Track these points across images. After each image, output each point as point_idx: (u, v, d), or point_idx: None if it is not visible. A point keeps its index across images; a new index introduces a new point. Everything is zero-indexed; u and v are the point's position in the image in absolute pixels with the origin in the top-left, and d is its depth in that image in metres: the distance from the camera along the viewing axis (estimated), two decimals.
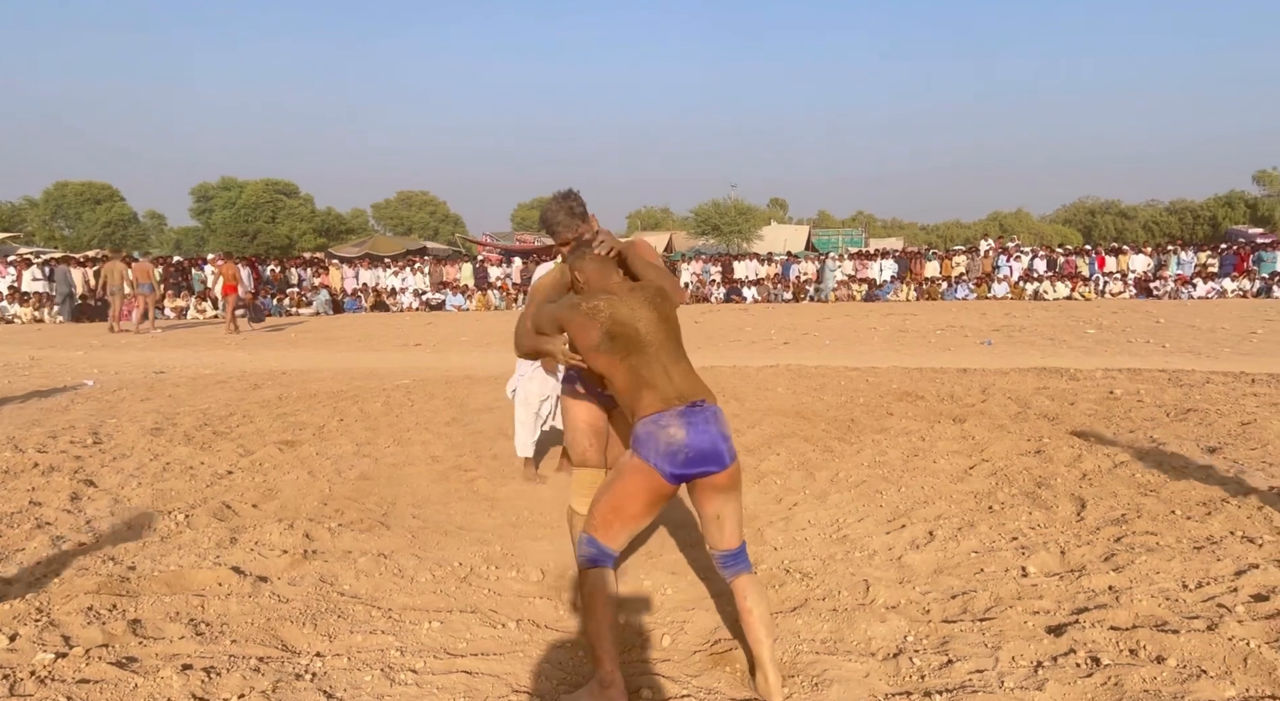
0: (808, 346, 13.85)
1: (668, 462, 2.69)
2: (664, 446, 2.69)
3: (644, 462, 2.71)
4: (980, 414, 7.03)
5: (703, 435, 2.71)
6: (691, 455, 2.69)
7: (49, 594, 3.53)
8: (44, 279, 24.36)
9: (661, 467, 2.69)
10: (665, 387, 2.77)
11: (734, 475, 2.80)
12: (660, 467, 2.69)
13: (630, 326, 2.81)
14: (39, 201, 56.86)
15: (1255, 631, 2.96)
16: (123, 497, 5.01)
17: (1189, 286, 25.27)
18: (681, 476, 2.72)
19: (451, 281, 29.40)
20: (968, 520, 4.45)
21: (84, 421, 7.37)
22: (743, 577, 2.85)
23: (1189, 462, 5.26)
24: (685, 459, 2.69)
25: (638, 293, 2.92)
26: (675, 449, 2.69)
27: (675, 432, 2.69)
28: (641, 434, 2.74)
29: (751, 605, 2.79)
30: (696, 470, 2.72)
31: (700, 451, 2.70)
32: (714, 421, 2.77)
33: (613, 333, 2.80)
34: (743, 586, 2.83)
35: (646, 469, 2.71)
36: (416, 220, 63.65)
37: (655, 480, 2.71)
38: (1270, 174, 58.94)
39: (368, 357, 13.47)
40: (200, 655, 3.02)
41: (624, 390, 2.82)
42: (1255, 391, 7.73)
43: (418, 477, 5.61)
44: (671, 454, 2.68)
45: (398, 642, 3.18)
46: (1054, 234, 57.89)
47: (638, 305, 2.86)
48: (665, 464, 2.69)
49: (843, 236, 44.43)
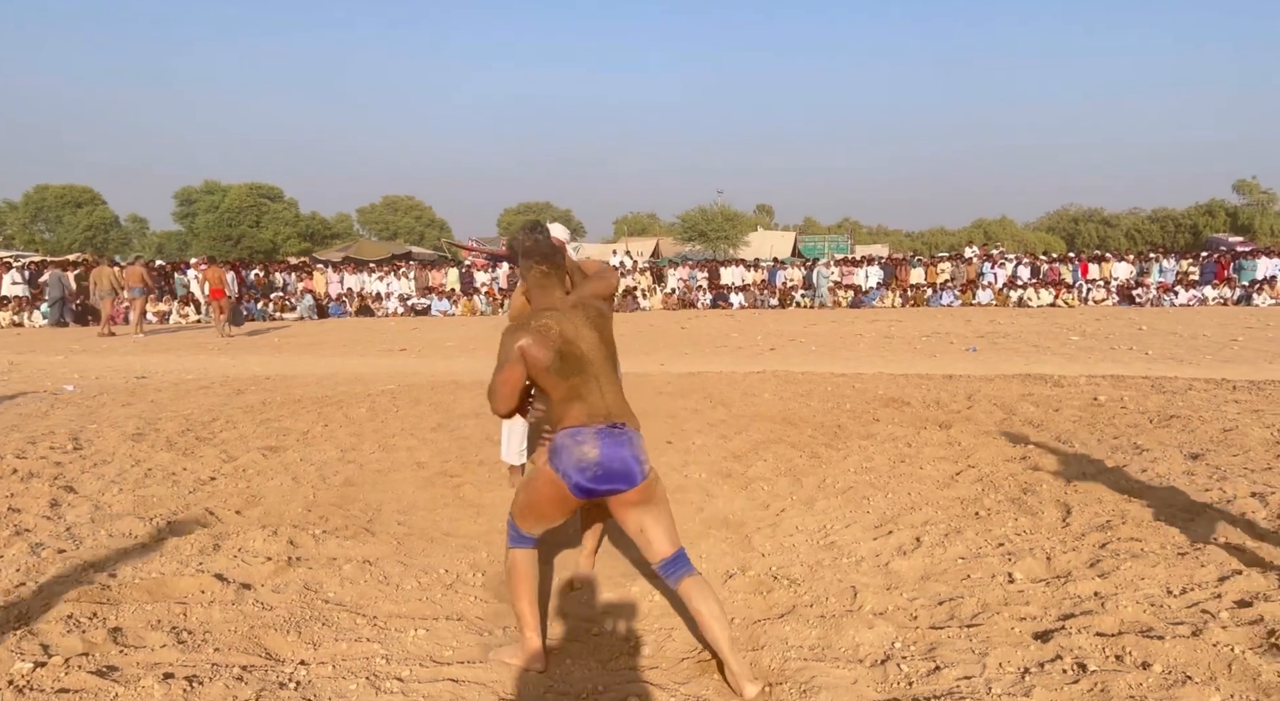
0: (794, 352, 13.88)
1: (576, 474, 2.86)
2: (576, 460, 2.85)
3: (554, 473, 2.90)
4: (966, 420, 7.06)
5: (615, 456, 2.87)
6: (600, 473, 2.85)
7: (28, 602, 3.48)
8: (24, 283, 24.12)
9: (570, 479, 2.86)
10: (596, 404, 2.92)
11: (645, 490, 2.93)
12: (569, 479, 2.87)
13: (576, 346, 2.93)
14: (19, 204, 56.26)
15: (1239, 637, 2.98)
16: (103, 504, 4.95)
17: (1171, 294, 25.50)
18: (589, 491, 2.88)
19: (437, 286, 29.29)
20: (954, 526, 4.46)
21: (64, 427, 7.29)
22: (685, 581, 2.95)
23: (1172, 469, 5.29)
24: (594, 476, 2.85)
25: (579, 311, 3.03)
26: (586, 465, 2.85)
27: (589, 450, 2.85)
28: (558, 445, 2.90)
29: (699, 606, 2.89)
30: (605, 487, 2.88)
31: (610, 470, 2.86)
32: (628, 444, 2.92)
33: (563, 352, 2.90)
34: (687, 589, 2.93)
35: (556, 479, 2.90)
36: (402, 225, 63.47)
37: (562, 490, 2.90)
38: (1250, 183, 59.60)
39: (352, 363, 13.39)
40: (182, 664, 2.98)
41: (558, 401, 2.95)
42: (1236, 398, 7.80)
43: (403, 484, 5.57)
44: (581, 469, 2.85)
45: (383, 650, 3.15)
46: (1038, 241, 58.38)
47: (581, 324, 2.98)
48: (574, 475, 2.86)
49: (828, 242, 44.60)
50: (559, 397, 2.93)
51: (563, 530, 4.53)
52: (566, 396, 2.91)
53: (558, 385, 2.91)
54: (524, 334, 2.91)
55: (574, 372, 2.90)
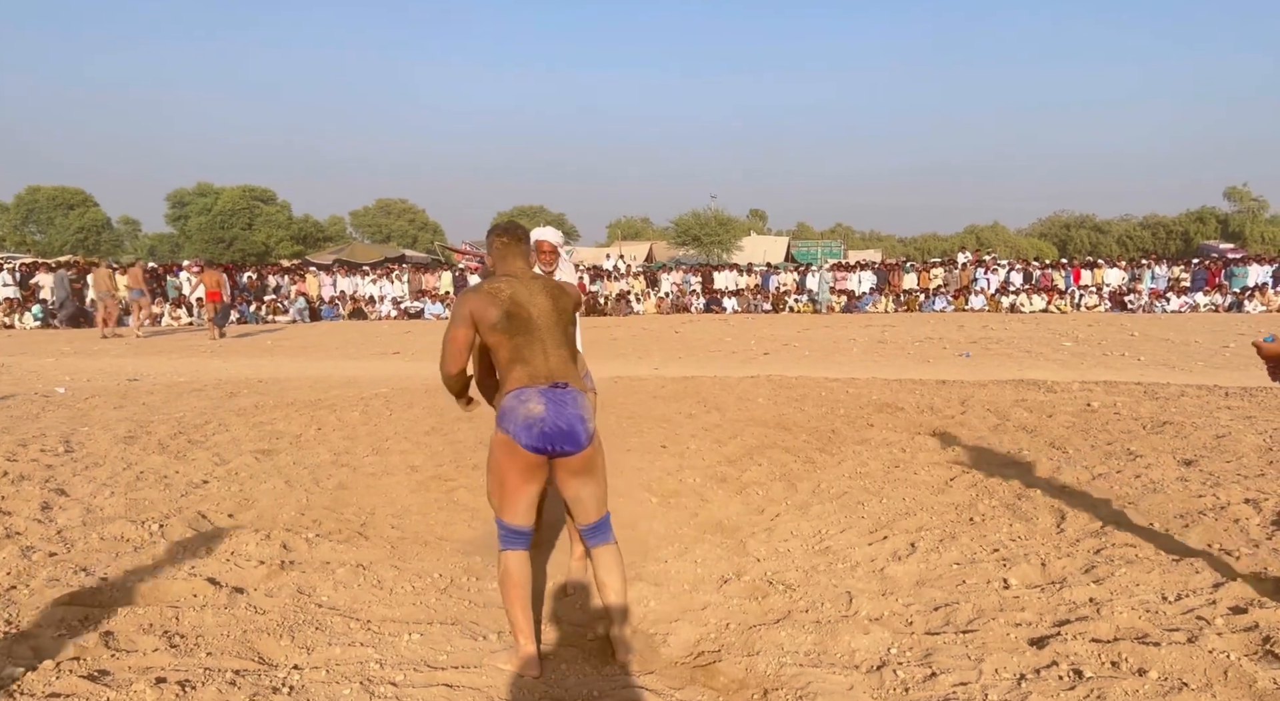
0: (788, 357, 13.89)
1: (524, 434, 2.94)
2: (522, 418, 2.94)
3: (505, 436, 2.97)
4: (960, 426, 7.07)
5: (560, 413, 2.97)
6: (548, 429, 2.94)
7: (18, 605, 3.45)
8: (14, 284, 24.01)
9: (520, 438, 2.94)
10: (539, 366, 3.03)
11: (589, 458, 3.07)
12: (519, 438, 2.94)
13: (525, 308, 3.05)
14: (10, 206, 55.98)
15: (1235, 644, 2.98)
16: (95, 507, 4.91)
17: (1162, 300, 25.61)
18: (540, 449, 2.96)
19: (430, 290, 29.24)
20: (949, 531, 4.46)
21: (55, 429, 7.24)
22: (600, 548, 3.18)
23: (1166, 475, 5.30)
24: (541, 432, 2.94)
25: (539, 281, 3.17)
26: (532, 421, 2.94)
27: (534, 407, 2.95)
28: (504, 408, 3.00)
29: (604, 576, 3.16)
30: (554, 447, 2.97)
31: (557, 427, 2.95)
32: (573, 403, 3.02)
33: (510, 312, 3.02)
34: (599, 555, 3.18)
35: (508, 441, 2.97)
36: (395, 228, 63.32)
37: (517, 450, 2.96)
38: (1240, 190, 59.97)
39: (346, 366, 13.35)
40: (174, 668, 2.96)
41: (502, 364, 3.07)
42: (1229, 404, 7.83)
43: (397, 487, 5.55)
44: (529, 426, 2.94)
45: (377, 655, 3.13)
46: (1030, 247, 58.58)
47: (536, 291, 3.11)
48: (523, 435, 2.94)
49: (822, 248, 44.69)
50: (504, 359, 3.04)
51: (554, 535, 4.53)
52: (511, 357, 3.03)
53: (503, 344, 3.03)
54: (475, 295, 3.05)
55: (519, 332, 3.02)
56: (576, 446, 3.01)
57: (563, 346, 3.12)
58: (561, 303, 3.16)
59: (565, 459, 3.03)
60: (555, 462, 3.05)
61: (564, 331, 3.15)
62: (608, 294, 28.08)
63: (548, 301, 3.11)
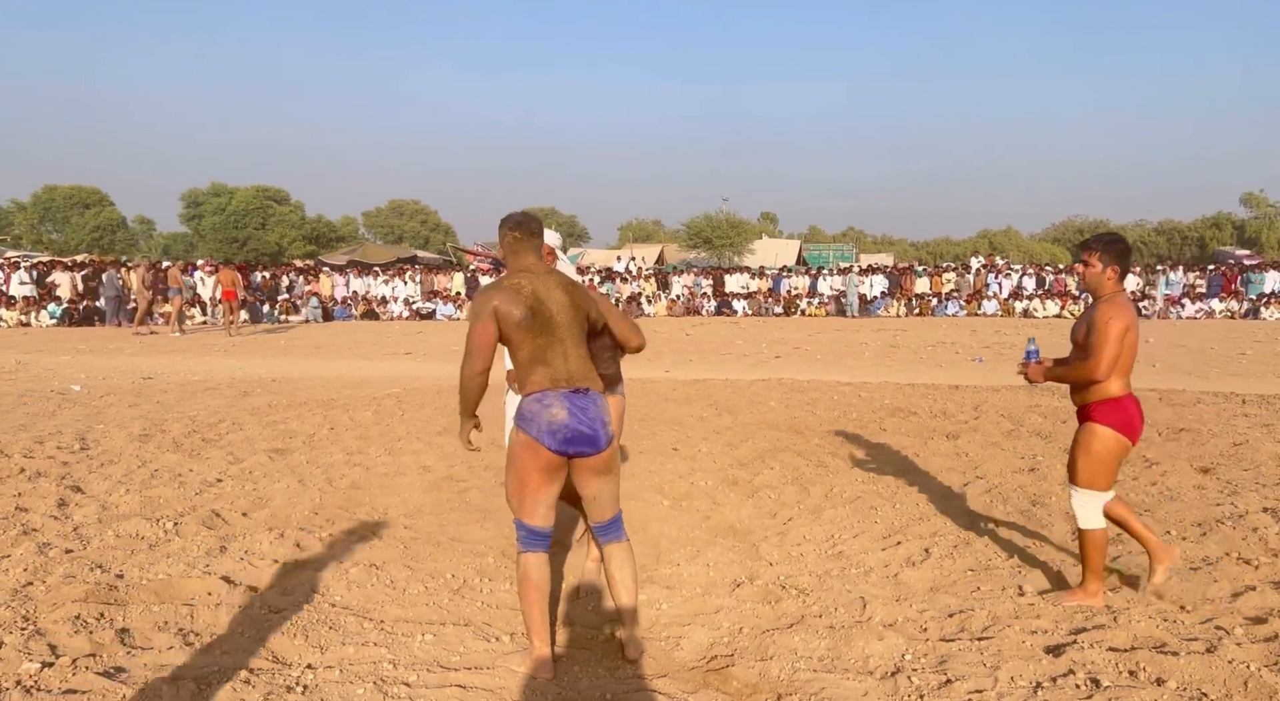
0: (799, 360, 13.86)
1: (549, 438, 2.97)
2: (546, 424, 2.97)
3: (530, 438, 2.99)
4: (973, 431, 7.04)
5: (582, 419, 3.00)
6: (570, 435, 2.98)
7: (35, 602, 3.47)
8: (31, 283, 24.18)
9: (544, 442, 2.97)
10: (559, 368, 3.04)
11: (608, 459, 3.11)
12: (543, 442, 2.97)
13: (546, 305, 3.04)
14: (27, 205, 56.42)
15: (1254, 654, 2.95)
16: (110, 504, 4.94)
17: (1178, 307, 25.45)
18: (562, 452, 3.00)
19: (442, 290, 29.32)
20: (963, 537, 4.44)
21: (71, 427, 7.29)
22: (612, 545, 3.21)
23: (1183, 482, 5.27)
24: (564, 438, 2.97)
25: (554, 276, 3.15)
26: (556, 428, 2.97)
27: (557, 413, 2.98)
28: (526, 411, 3.01)
29: (616, 572, 3.18)
30: (575, 449, 3.01)
31: (579, 433, 2.99)
32: (594, 406, 3.05)
33: (533, 309, 3.01)
34: (612, 552, 3.20)
35: (532, 444, 2.99)
36: (407, 229, 63.48)
37: (541, 452, 2.99)
38: (1257, 196, 59.45)
39: (358, 366, 13.40)
40: (190, 665, 2.97)
41: (522, 363, 3.06)
42: (1246, 412, 7.77)
43: (409, 487, 5.56)
44: (553, 432, 2.97)
45: (390, 655, 3.14)
46: (1043, 252, 58.23)
47: (553, 287, 3.10)
48: (547, 439, 2.97)
49: (833, 251, 44.60)
50: (524, 358, 3.04)
51: (569, 536, 4.52)
52: (531, 358, 3.03)
53: (524, 343, 3.02)
54: (497, 292, 3.03)
55: (541, 332, 3.02)
56: (596, 449, 3.04)
57: (580, 345, 3.13)
58: (577, 298, 3.15)
59: (585, 459, 3.06)
60: (574, 462, 3.07)
61: (581, 329, 3.15)
62: (619, 296, 28.08)
63: (565, 297, 3.10)
